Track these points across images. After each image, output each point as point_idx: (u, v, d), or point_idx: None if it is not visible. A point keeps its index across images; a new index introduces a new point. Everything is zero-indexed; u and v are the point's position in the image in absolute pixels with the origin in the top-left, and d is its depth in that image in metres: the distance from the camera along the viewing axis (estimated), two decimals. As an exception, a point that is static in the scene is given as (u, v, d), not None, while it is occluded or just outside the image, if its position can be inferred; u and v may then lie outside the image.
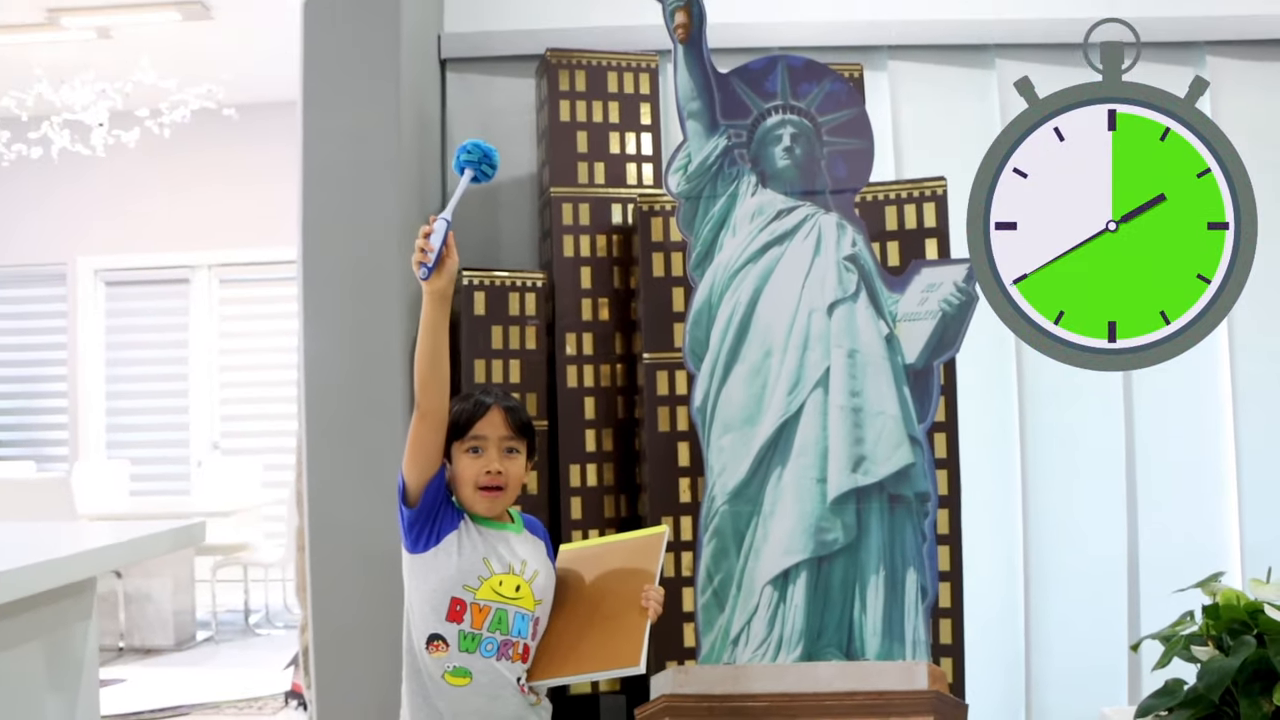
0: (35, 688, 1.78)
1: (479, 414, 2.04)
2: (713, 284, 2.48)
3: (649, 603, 2.02)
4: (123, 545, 1.85)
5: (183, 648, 5.76)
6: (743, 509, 2.44)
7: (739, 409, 2.44)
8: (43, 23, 5.77)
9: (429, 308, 1.97)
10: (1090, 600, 3.19)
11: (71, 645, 1.90)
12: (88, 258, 7.46)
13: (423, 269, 1.94)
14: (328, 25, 2.83)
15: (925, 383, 2.45)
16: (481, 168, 2.08)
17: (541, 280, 2.93)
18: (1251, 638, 2.10)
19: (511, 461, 2.05)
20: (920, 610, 2.41)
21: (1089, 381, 3.21)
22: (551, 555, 2.16)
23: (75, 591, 1.88)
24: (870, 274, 2.49)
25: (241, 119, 6.45)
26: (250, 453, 7.10)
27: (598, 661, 2.01)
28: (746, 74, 2.54)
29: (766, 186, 2.50)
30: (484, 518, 2.06)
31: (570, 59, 3.01)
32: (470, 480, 2.03)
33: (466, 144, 2.08)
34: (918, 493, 2.43)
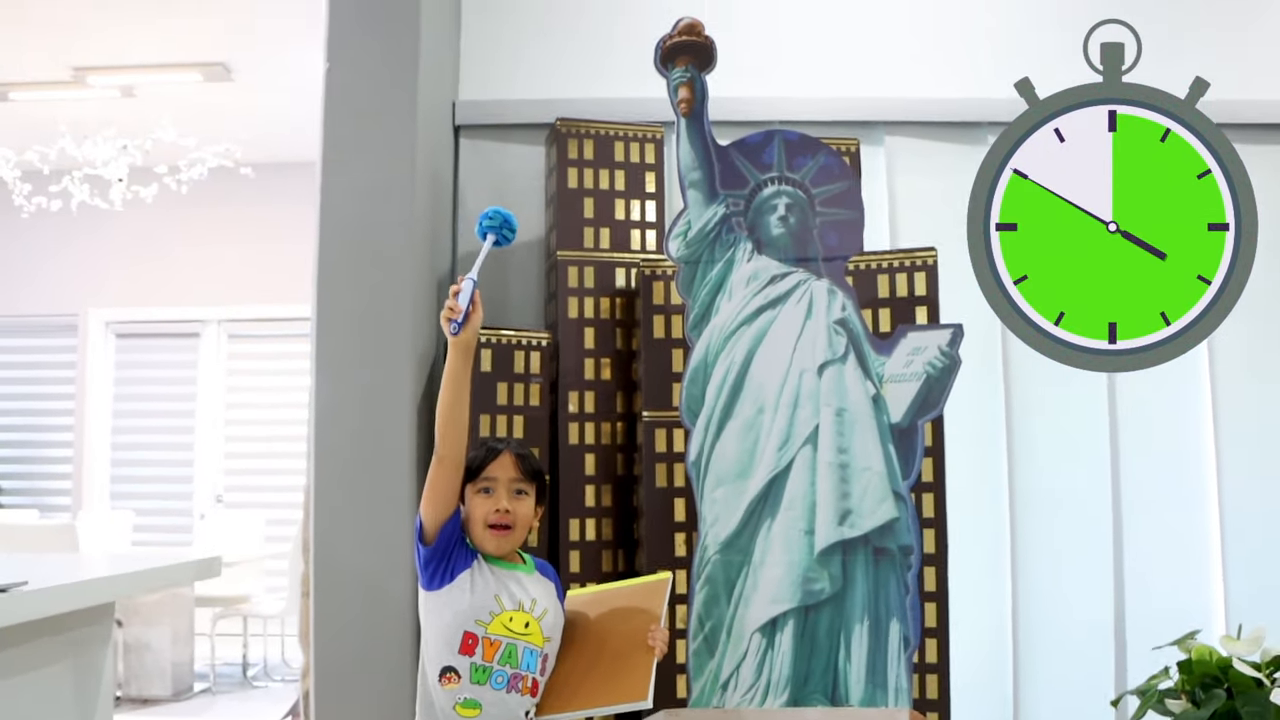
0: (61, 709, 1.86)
1: (491, 458, 2.17)
2: (709, 344, 2.60)
3: (655, 641, 2.12)
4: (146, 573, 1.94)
5: (180, 698, 5.78)
6: (734, 558, 2.54)
7: (732, 463, 2.55)
8: (69, 80, 5.93)
9: (454, 359, 2.10)
10: (1077, 658, 3.26)
11: (93, 669, 1.99)
12: (100, 310, 7.58)
13: (452, 325, 2.09)
14: (348, 91, 2.95)
15: (910, 441, 2.55)
16: (503, 232, 2.23)
17: (547, 340, 3.03)
18: (1222, 691, 2.18)
19: (520, 502, 2.17)
20: (903, 659, 2.50)
21: (1078, 443, 3.32)
22: (561, 596, 2.26)
23: (97, 618, 1.96)
24: (859, 337, 2.61)
25: (258, 177, 6.58)
26: (253, 506, 7.15)
27: (606, 696, 2.10)
28: (745, 147, 2.69)
29: (762, 253, 2.63)
30: (496, 558, 2.16)
31: (579, 128, 3.14)
32: (481, 519, 2.14)
33: (489, 210, 2.24)
34: (901, 546, 2.53)
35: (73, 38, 5.45)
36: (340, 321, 2.90)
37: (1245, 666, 2.18)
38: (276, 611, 6.08)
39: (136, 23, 5.30)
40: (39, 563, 1.95)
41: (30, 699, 1.81)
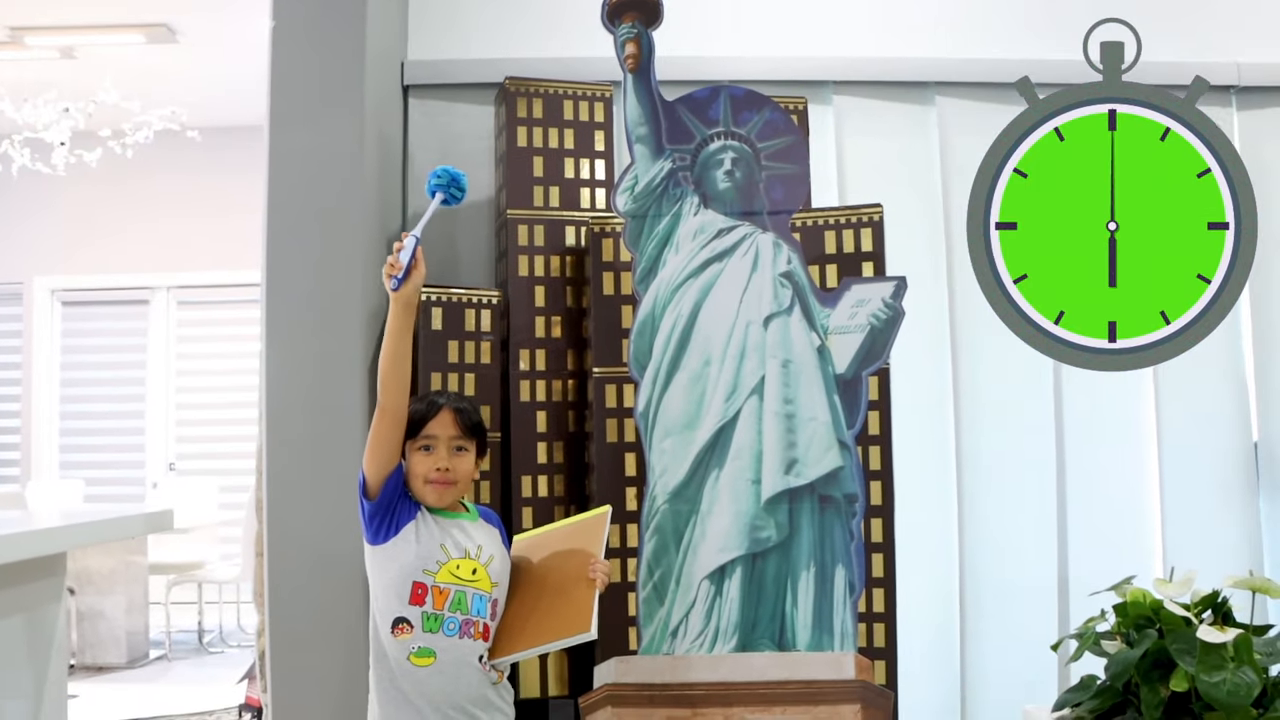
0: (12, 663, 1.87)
1: (430, 414, 2.20)
2: (656, 297, 2.63)
3: (595, 574, 2.17)
4: (97, 524, 1.95)
5: (135, 665, 5.77)
6: (682, 508, 2.58)
7: (679, 414, 2.59)
8: (6, 41, 5.80)
9: (395, 314, 2.12)
10: (1022, 607, 3.34)
11: (45, 625, 1.99)
12: (45, 277, 7.47)
13: (393, 280, 2.12)
14: (295, 51, 2.92)
15: (854, 391, 2.60)
16: (451, 191, 2.24)
17: (497, 298, 3.04)
18: (1154, 631, 2.25)
19: (460, 459, 2.20)
20: (848, 604, 2.56)
21: (1022, 399, 3.39)
22: (506, 542, 2.30)
23: (47, 572, 1.96)
24: (804, 289, 2.65)
25: (204, 141, 6.49)
26: (205, 473, 7.12)
27: (552, 632, 2.15)
28: (691, 102, 2.71)
29: (708, 207, 2.66)
30: (439, 508, 2.19)
31: (528, 87, 3.14)
32: (421, 475, 2.18)
33: (438, 169, 2.25)
34: (846, 494, 2.58)
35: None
36: (290, 284, 2.89)
37: (1176, 607, 2.26)
38: (231, 578, 6.07)
39: (76, -19, 5.20)
40: (-13, 518, 1.95)
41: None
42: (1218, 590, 2.34)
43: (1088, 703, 2.30)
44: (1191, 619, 2.25)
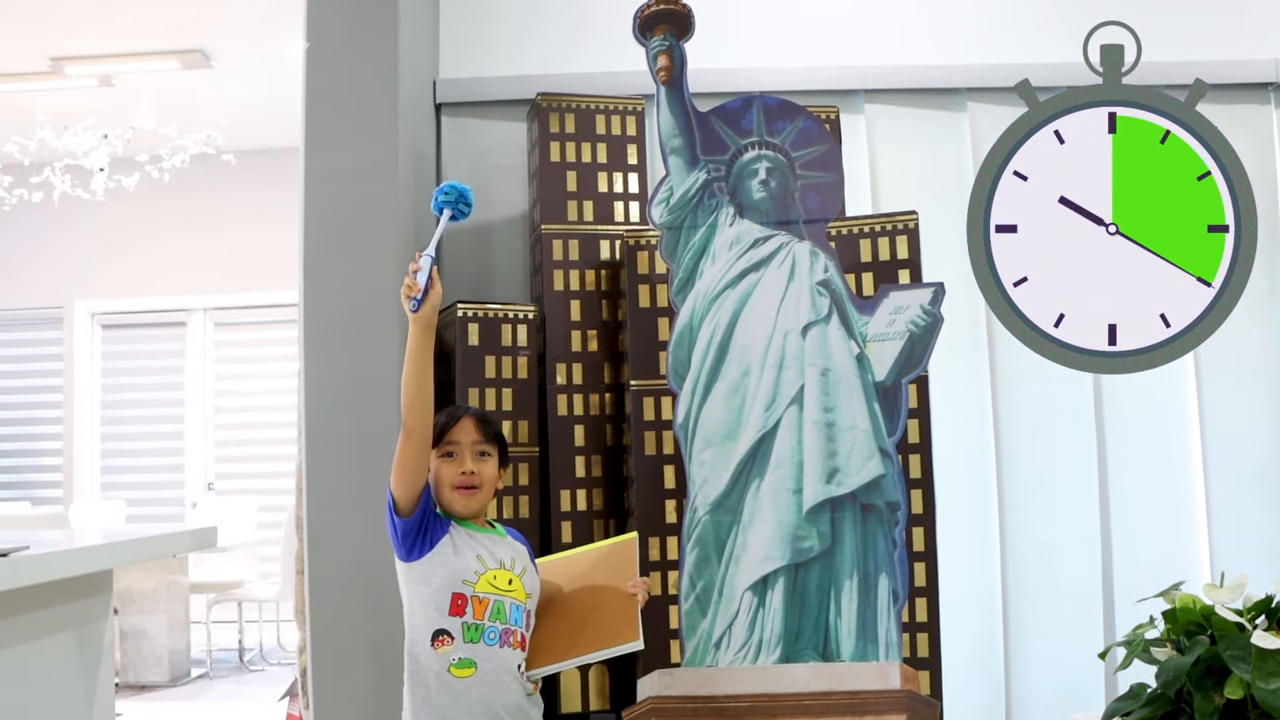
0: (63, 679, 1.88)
1: (452, 423, 2.25)
2: (694, 308, 2.63)
3: (636, 589, 2.20)
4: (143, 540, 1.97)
5: (178, 684, 5.81)
6: (723, 519, 2.57)
7: (719, 425, 2.58)
8: (47, 71, 5.92)
9: (415, 335, 2.15)
10: (1067, 614, 3.30)
11: (94, 641, 2.01)
12: (85, 301, 7.58)
13: (412, 302, 2.14)
14: (329, 72, 2.95)
15: (894, 399, 2.58)
16: (459, 207, 2.26)
17: (533, 313, 3.05)
18: (1205, 637, 2.21)
19: (484, 464, 2.24)
20: (892, 613, 2.53)
21: (1062, 402, 3.35)
22: (533, 558, 2.32)
23: (94, 590, 1.98)
24: (841, 297, 2.63)
25: (240, 164, 6.58)
26: (244, 493, 7.18)
27: (596, 642, 2.16)
28: (724, 113, 2.70)
29: (744, 217, 2.65)
30: (470, 522, 2.23)
31: (560, 102, 3.15)
32: (447, 482, 2.22)
33: (444, 185, 2.29)
34: (888, 502, 2.56)
35: (49, 27, 5.43)
36: (327, 303, 2.91)
37: (1228, 612, 2.22)
38: (271, 596, 6.11)
39: (113, 11, 5.28)
40: (37, 538, 1.97)
41: (32, 669, 1.83)
42: (1271, 595, 2.30)
43: (1138, 711, 2.26)
44: (1245, 624, 2.21)
